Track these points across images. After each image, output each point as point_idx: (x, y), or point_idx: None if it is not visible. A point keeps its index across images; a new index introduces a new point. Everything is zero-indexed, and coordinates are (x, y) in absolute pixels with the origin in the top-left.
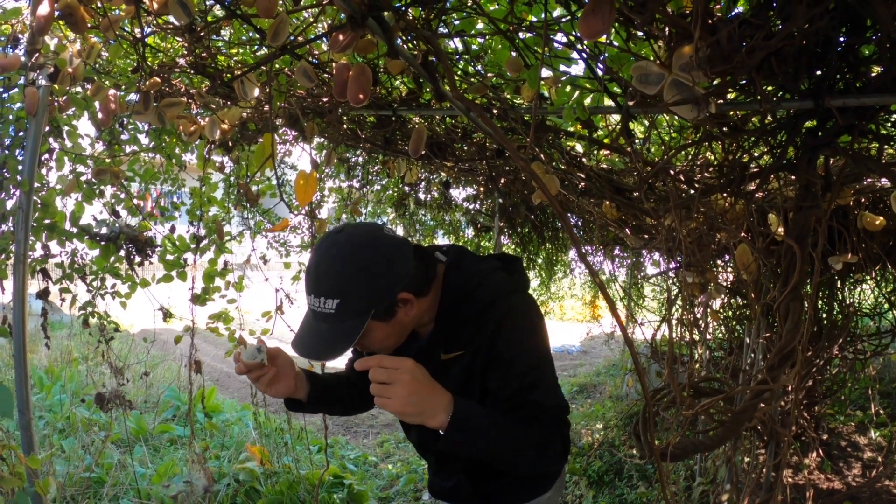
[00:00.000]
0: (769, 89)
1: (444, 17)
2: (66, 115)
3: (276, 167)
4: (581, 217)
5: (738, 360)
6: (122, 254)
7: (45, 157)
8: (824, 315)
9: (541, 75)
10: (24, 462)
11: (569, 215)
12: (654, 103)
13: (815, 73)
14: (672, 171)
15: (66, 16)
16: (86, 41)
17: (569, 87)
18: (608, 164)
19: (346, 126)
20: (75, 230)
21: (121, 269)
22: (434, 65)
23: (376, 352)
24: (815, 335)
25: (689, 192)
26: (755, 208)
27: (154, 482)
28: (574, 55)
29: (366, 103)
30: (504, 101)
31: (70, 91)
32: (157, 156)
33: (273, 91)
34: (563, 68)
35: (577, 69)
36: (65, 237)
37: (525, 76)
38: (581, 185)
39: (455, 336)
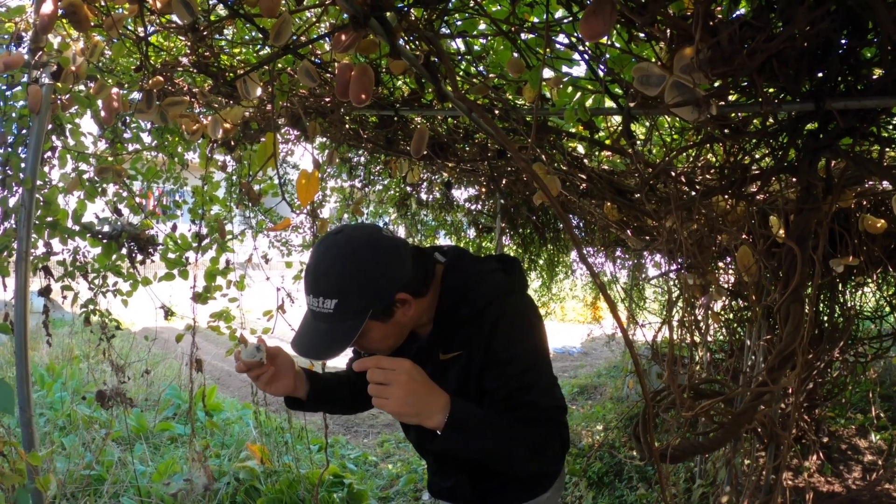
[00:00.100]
0: (770, 91)
1: (446, 18)
2: (68, 113)
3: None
4: (582, 218)
5: (739, 362)
6: (124, 252)
7: (48, 154)
8: (825, 318)
9: (542, 76)
10: (24, 459)
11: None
12: (656, 105)
13: (816, 75)
14: (673, 173)
15: (70, 14)
16: (89, 39)
17: (570, 88)
18: (609, 165)
19: (348, 126)
20: (77, 228)
21: (122, 267)
22: (436, 65)
23: (375, 352)
24: (815, 338)
25: (691, 194)
26: (756, 210)
27: (154, 480)
28: (576, 56)
29: (368, 103)
30: (506, 101)
31: (73, 89)
32: (160, 154)
33: (275, 90)
34: (564, 69)
35: (579, 70)
36: (67, 235)
37: (527, 77)
38: (582, 186)
39: (453, 336)
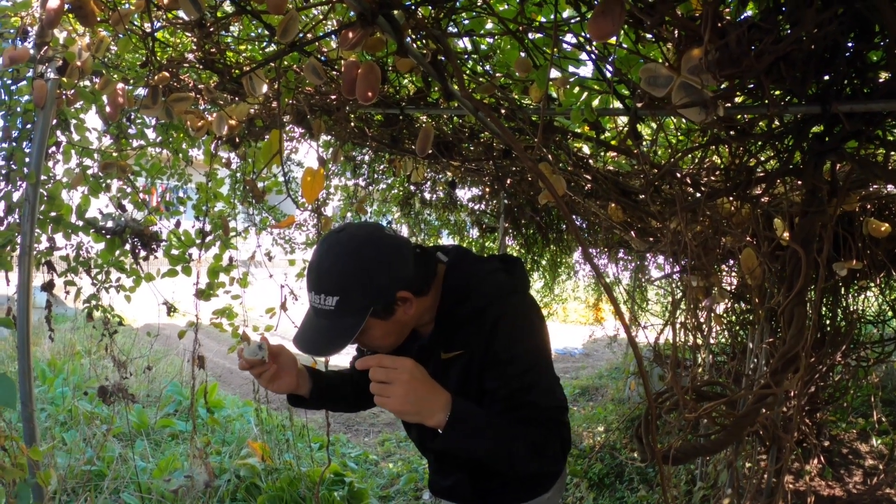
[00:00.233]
0: (777, 93)
1: (453, 17)
2: (73, 108)
3: (283, 164)
4: (586, 219)
5: (742, 364)
6: (128, 248)
7: (53, 149)
8: (828, 321)
9: (549, 76)
10: (25, 453)
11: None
12: (662, 105)
13: (822, 78)
14: (679, 174)
15: (76, 9)
16: (95, 35)
17: (577, 89)
18: (615, 165)
19: (353, 124)
20: (81, 223)
21: (126, 262)
22: (443, 64)
23: (376, 350)
24: (818, 341)
25: (696, 196)
26: (761, 213)
27: (155, 476)
28: (583, 56)
29: (374, 101)
30: (512, 101)
31: (78, 84)
32: (164, 150)
33: (281, 87)
34: (571, 69)
35: (586, 70)
36: (70, 230)
37: (534, 77)
38: (587, 186)
39: (455, 336)
